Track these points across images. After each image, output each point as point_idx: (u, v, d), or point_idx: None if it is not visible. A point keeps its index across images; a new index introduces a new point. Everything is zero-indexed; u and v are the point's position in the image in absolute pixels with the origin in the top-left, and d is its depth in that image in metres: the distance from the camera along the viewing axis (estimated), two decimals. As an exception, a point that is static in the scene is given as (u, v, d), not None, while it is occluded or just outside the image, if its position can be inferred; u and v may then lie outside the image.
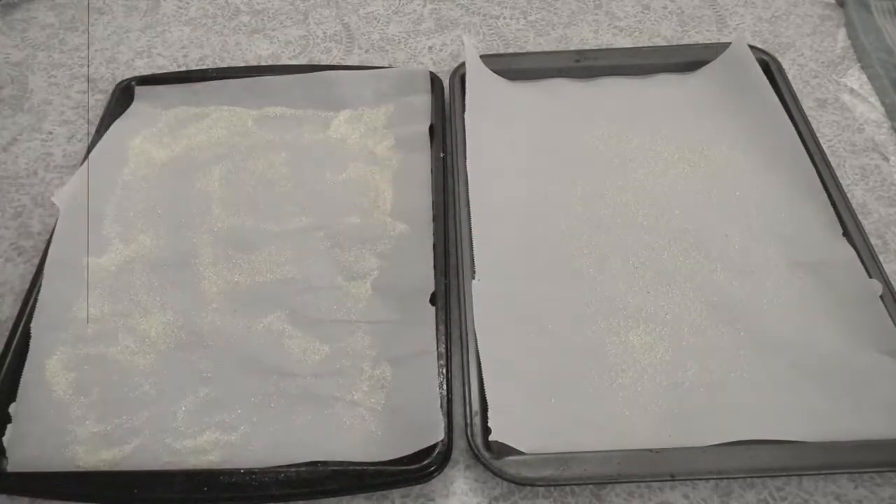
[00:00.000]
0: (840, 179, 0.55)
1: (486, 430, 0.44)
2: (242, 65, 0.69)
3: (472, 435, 0.44)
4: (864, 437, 0.43)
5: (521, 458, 0.43)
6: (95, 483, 0.44)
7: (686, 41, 0.70)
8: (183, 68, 0.70)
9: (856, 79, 0.66)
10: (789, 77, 0.63)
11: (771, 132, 0.59)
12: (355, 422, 0.46)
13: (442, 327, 0.49)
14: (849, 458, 0.43)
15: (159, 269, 0.54)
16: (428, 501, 0.44)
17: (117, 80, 0.67)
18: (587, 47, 0.69)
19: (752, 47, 0.64)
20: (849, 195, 0.55)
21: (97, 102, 0.67)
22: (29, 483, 0.44)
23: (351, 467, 0.44)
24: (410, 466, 0.43)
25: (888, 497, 0.43)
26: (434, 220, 0.54)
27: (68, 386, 0.48)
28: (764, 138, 0.59)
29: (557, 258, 0.53)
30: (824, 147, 0.58)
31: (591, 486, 0.44)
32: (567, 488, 0.44)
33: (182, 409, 0.47)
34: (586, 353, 0.49)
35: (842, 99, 0.65)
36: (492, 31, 0.72)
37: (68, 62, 0.71)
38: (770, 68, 0.63)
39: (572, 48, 0.69)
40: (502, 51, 0.70)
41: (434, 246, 0.53)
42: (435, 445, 0.44)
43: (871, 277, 0.50)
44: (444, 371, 0.47)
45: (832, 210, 0.54)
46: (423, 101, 0.62)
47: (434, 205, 0.55)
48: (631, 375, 0.47)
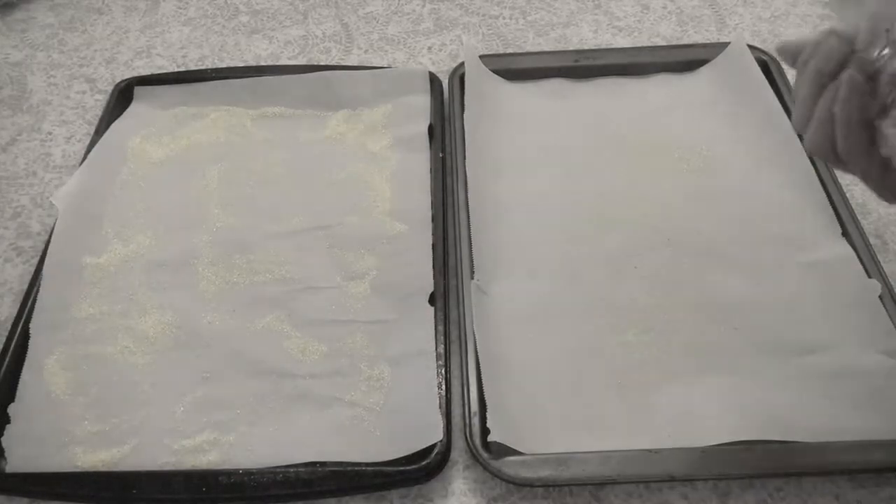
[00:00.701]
0: (839, 179, 0.55)
1: (485, 431, 0.44)
2: (241, 65, 0.69)
3: (471, 435, 0.44)
4: (864, 438, 0.43)
5: (520, 458, 0.43)
6: (94, 483, 0.44)
7: (685, 41, 0.70)
8: (182, 68, 0.70)
9: (855, 78, 0.66)
10: (788, 77, 0.63)
11: (770, 132, 0.59)
12: (354, 422, 0.46)
13: (441, 327, 0.49)
14: (848, 459, 0.43)
15: (158, 268, 0.54)
16: (426, 502, 0.44)
17: (116, 81, 0.67)
18: (586, 47, 0.69)
19: (751, 47, 0.64)
20: (848, 195, 0.55)
21: (96, 103, 0.67)
22: (28, 483, 0.44)
23: (349, 468, 0.44)
24: (409, 467, 0.43)
25: (887, 497, 0.43)
26: (433, 219, 0.54)
27: (67, 386, 0.48)
28: (763, 138, 0.59)
29: (557, 258, 0.53)
30: (823, 147, 0.57)
31: (589, 487, 0.44)
32: (566, 489, 0.44)
33: (180, 409, 0.47)
34: (585, 353, 0.48)
35: (841, 99, 0.64)
36: (491, 31, 0.72)
37: (67, 62, 0.71)
38: (769, 68, 0.63)
39: (571, 48, 0.69)
40: (501, 51, 0.70)
41: (433, 246, 0.53)
42: (433, 446, 0.44)
43: (870, 277, 0.50)
44: (443, 371, 0.47)
45: (831, 210, 0.54)
46: (422, 101, 0.62)
47: (433, 205, 0.55)
48: (630, 375, 0.47)
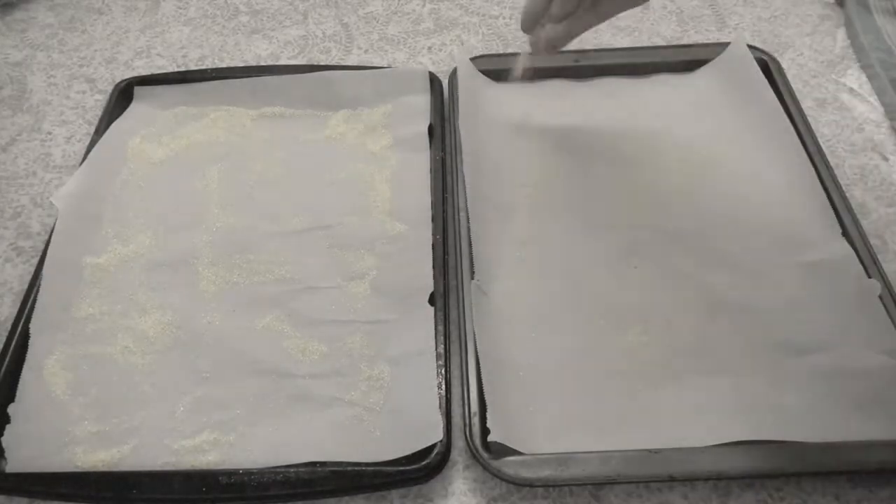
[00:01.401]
0: (839, 179, 0.55)
1: (485, 431, 0.44)
2: (241, 65, 0.69)
3: (471, 435, 0.44)
4: (863, 438, 0.43)
5: (520, 458, 0.43)
6: (94, 483, 0.44)
7: (685, 41, 0.70)
8: (182, 68, 0.70)
9: (855, 78, 0.66)
10: (788, 77, 0.63)
11: (770, 132, 0.59)
12: (354, 422, 0.46)
13: (441, 327, 0.49)
14: (847, 459, 0.43)
15: (158, 268, 0.54)
16: (426, 502, 0.44)
17: (116, 81, 0.67)
18: (586, 47, 0.69)
19: (751, 47, 0.64)
20: (848, 195, 0.55)
21: (96, 103, 0.67)
22: (28, 483, 0.44)
23: (349, 468, 0.44)
24: (409, 467, 0.43)
25: (887, 497, 0.43)
26: (433, 219, 0.54)
27: (67, 386, 0.48)
28: (763, 138, 0.59)
29: (556, 258, 0.53)
30: (823, 147, 0.57)
31: (589, 487, 0.44)
32: (566, 489, 0.44)
33: (180, 408, 0.47)
34: (585, 353, 0.48)
35: (841, 99, 0.65)
36: (491, 31, 0.72)
37: (67, 62, 0.71)
38: (769, 68, 0.63)
39: (571, 48, 0.69)
40: (501, 51, 0.70)
41: (433, 246, 0.53)
42: (433, 446, 0.44)
43: (870, 277, 0.50)
44: (443, 371, 0.47)
45: (831, 210, 0.54)
46: (422, 100, 0.62)
47: (433, 205, 0.55)
48: (630, 375, 0.47)
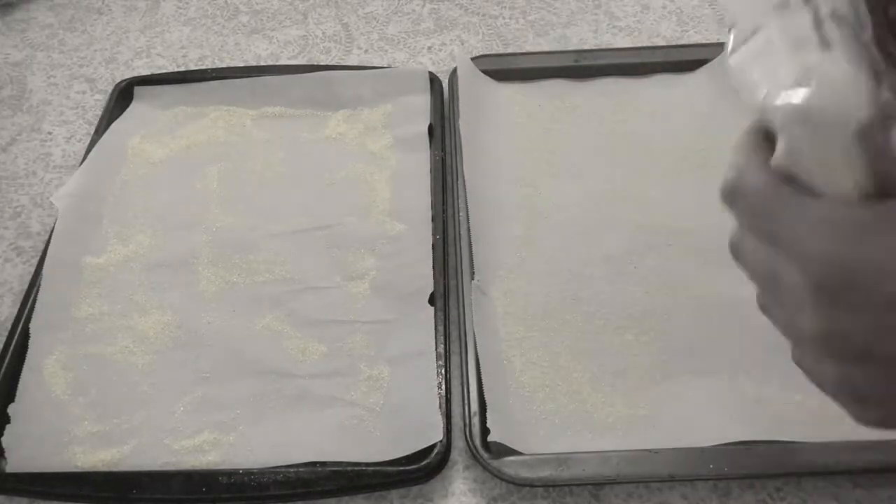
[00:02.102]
0: (839, 179, 0.55)
1: (485, 431, 0.44)
2: (241, 65, 0.69)
3: (471, 435, 0.44)
4: (863, 438, 0.43)
5: (520, 458, 0.43)
6: (94, 483, 0.44)
7: (685, 41, 0.69)
8: (182, 68, 0.70)
9: (855, 78, 0.66)
10: (789, 77, 0.62)
11: (770, 132, 0.59)
12: (353, 422, 0.46)
13: (441, 327, 0.49)
14: (848, 459, 0.43)
15: (157, 268, 0.53)
16: (426, 502, 0.44)
17: (116, 81, 0.67)
18: (586, 47, 0.69)
19: (751, 47, 0.64)
20: (848, 195, 0.55)
21: (96, 103, 0.67)
22: (27, 484, 0.44)
23: (349, 468, 0.44)
24: (409, 467, 0.43)
25: (887, 497, 0.43)
26: (433, 219, 0.54)
27: (67, 386, 0.48)
28: (763, 138, 0.59)
29: (557, 258, 0.53)
30: (824, 147, 0.57)
31: (589, 487, 0.44)
32: (566, 489, 0.44)
33: (180, 408, 0.47)
34: (585, 353, 0.48)
35: (841, 99, 0.64)
36: (491, 31, 0.72)
37: (67, 62, 0.71)
38: (769, 68, 0.63)
39: (571, 48, 0.69)
40: (501, 51, 0.69)
41: (433, 246, 0.53)
42: (433, 446, 0.43)
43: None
44: (443, 371, 0.47)
45: (832, 210, 0.53)
46: (422, 100, 0.62)
47: (433, 205, 0.55)
48: (630, 375, 0.47)
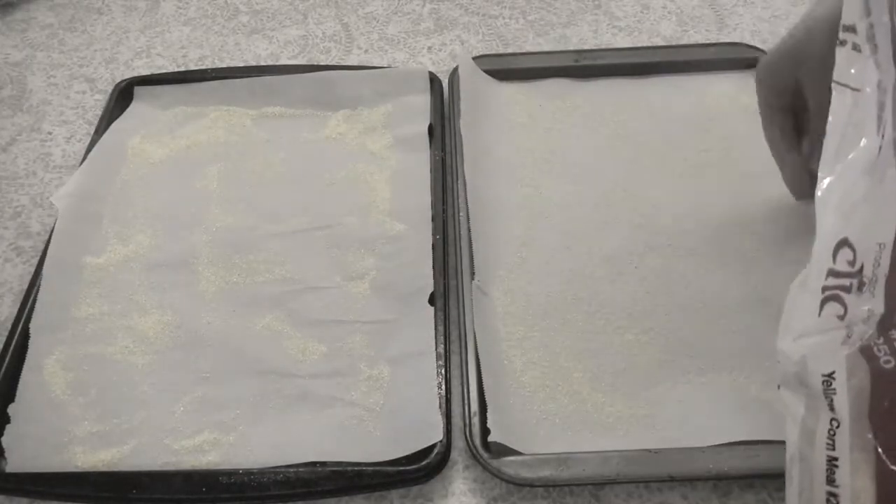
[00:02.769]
0: (839, 179, 0.55)
1: (485, 431, 0.44)
2: (241, 65, 0.69)
3: (471, 435, 0.44)
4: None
5: (520, 458, 0.43)
6: (94, 483, 0.44)
7: (685, 41, 0.70)
8: (182, 68, 0.70)
9: (855, 78, 0.66)
10: (789, 77, 0.63)
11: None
12: (353, 422, 0.46)
13: (441, 327, 0.49)
14: (848, 459, 0.43)
15: (157, 268, 0.53)
16: (426, 502, 0.44)
17: (116, 81, 0.67)
18: (586, 47, 0.69)
19: (751, 47, 0.64)
20: (848, 195, 0.55)
21: (96, 103, 0.67)
22: (28, 483, 0.44)
23: (349, 468, 0.43)
24: (409, 467, 0.43)
25: (887, 497, 0.43)
26: (433, 219, 0.54)
27: (67, 386, 0.48)
28: (763, 138, 0.58)
29: (557, 259, 0.53)
30: (824, 147, 0.57)
31: (589, 487, 0.44)
32: (566, 489, 0.44)
33: (180, 408, 0.47)
34: (586, 353, 0.48)
35: (841, 98, 0.64)
36: (491, 31, 0.72)
37: (67, 62, 0.71)
38: (769, 68, 0.63)
39: (571, 48, 0.69)
40: (501, 51, 0.69)
41: (433, 246, 0.53)
42: (433, 446, 0.43)
43: (870, 277, 0.50)
44: (443, 371, 0.47)
45: (832, 210, 0.54)
46: (422, 100, 0.62)
47: (433, 205, 0.55)
48: (630, 375, 0.47)
